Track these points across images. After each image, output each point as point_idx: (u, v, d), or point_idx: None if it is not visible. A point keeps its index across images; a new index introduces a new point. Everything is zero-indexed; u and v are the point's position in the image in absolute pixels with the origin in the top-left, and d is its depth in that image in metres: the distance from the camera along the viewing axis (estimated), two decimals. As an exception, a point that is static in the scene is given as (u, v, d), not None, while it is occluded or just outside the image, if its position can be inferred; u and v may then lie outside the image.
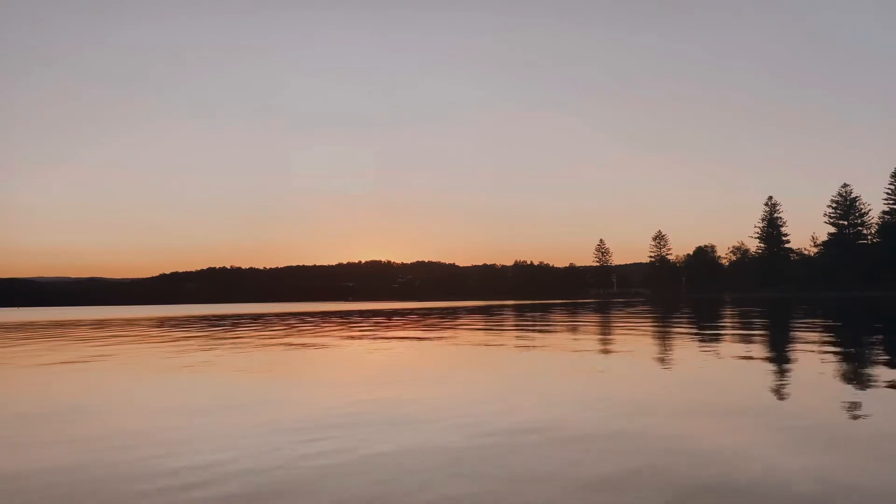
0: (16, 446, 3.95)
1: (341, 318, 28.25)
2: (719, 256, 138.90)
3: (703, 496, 2.72)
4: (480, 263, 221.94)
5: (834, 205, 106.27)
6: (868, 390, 5.42)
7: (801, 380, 6.17)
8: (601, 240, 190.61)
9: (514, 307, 44.13)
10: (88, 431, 4.31)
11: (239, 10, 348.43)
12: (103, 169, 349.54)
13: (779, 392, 5.46)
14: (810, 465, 3.18)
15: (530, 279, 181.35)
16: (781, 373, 6.68)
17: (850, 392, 5.36)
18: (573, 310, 34.38)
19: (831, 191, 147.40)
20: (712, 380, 6.30)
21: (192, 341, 13.67)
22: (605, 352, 9.52)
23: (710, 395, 5.38)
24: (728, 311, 26.91)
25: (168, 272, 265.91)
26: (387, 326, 19.26)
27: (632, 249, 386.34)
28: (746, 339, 11.30)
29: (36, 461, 3.54)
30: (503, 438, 3.82)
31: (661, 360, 8.12)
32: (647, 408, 4.76)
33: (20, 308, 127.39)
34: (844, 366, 7.17)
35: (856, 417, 4.31)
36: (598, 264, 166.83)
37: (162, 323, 25.89)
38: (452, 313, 31.42)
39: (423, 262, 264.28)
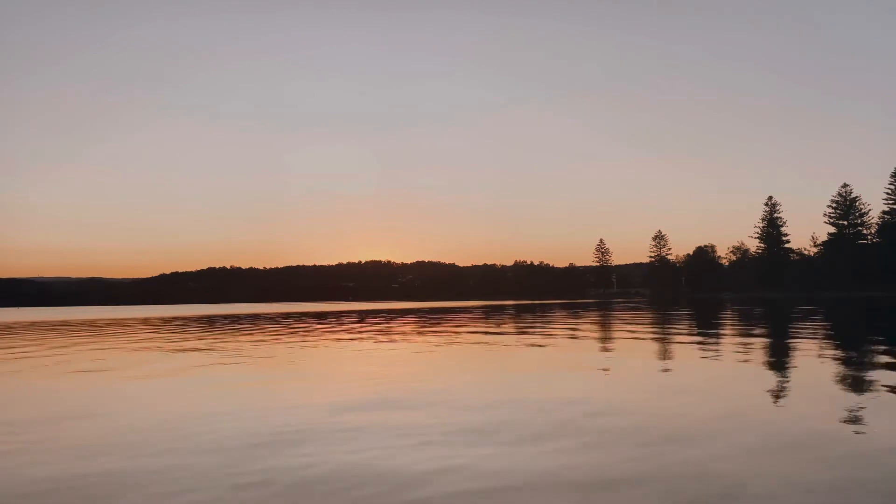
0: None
1: (375, 319, 28.30)
2: (719, 256, 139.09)
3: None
4: (480, 263, 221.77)
5: (834, 205, 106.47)
6: (870, 396, 5.54)
7: (802, 384, 6.29)
8: (601, 240, 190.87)
9: (515, 307, 44.26)
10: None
11: (239, 10, 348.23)
12: (103, 169, 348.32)
13: (777, 396, 5.59)
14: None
15: (530, 279, 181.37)
16: (782, 376, 6.81)
17: (851, 398, 5.48)
18: (574, 311, 34.47)
19: (831, 191, 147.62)
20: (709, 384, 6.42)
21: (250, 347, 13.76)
22: (609, 359, 9.63)
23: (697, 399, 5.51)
24: (730, 312, 27.03)
25: (168, 272, 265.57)
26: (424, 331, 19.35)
27: (632, 249, 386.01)
28: (749, 342, 11.41)
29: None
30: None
31: (665, 367, 8.25)
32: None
33: (20, 308, 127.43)
34: (846, 369, 7.29)
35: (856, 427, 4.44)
36: (598, 264, 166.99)
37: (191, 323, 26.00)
38: (456, 313, 31.56)
39: (423, 262, 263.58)
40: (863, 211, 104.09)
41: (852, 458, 3.52)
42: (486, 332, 16.10)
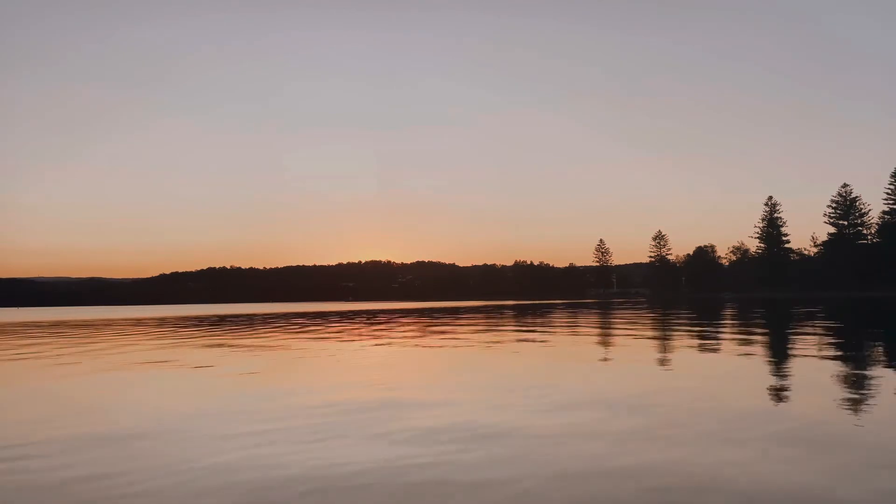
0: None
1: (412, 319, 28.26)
2: (719, 256, 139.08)
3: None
4: (480, 263, 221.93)
5: (834, 205, 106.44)
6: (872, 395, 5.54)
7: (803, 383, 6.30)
8: (601, 240, 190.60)
9: (516, 307, 44.25)
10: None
11: (239, 10, 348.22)
12: (103, 169, 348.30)
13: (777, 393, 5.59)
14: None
15: (530, 279, 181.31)
16: (780, 375, 6.82)
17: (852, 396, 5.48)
18: (576, 311, 34.46)
19: (831, 191, 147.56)
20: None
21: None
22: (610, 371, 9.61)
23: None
24: (733, 312, 27.04)
25: (168, 272, 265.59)
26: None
27: (632, 249, 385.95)
28: (753, 343, 11.41)
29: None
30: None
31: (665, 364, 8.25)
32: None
33: (20, 308, 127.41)
34: (847, 369, 7.29)
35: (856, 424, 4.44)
36: (598, 264, 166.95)
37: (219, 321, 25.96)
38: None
39: (423, 262, 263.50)
40: (863, 211, 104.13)
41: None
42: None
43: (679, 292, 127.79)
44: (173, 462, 3.65)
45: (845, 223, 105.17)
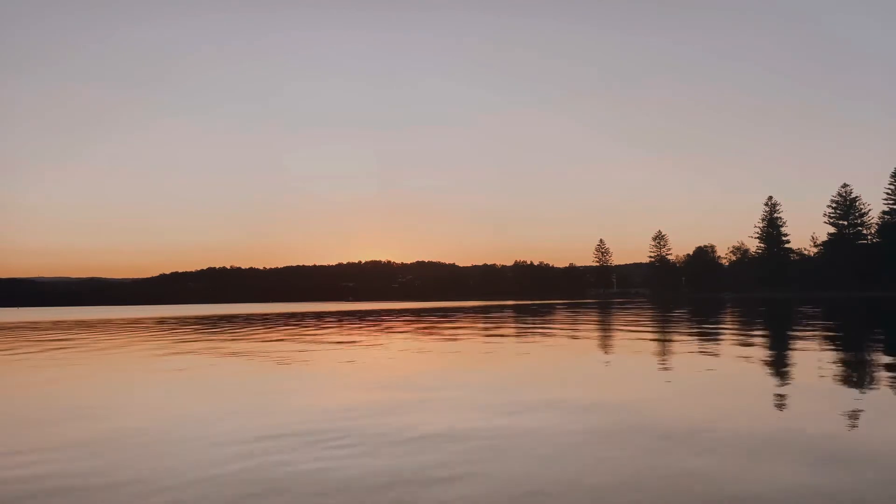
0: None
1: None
2: (719, 256, 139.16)
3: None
4: (480, 263, 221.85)
5: (834, 205, 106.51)
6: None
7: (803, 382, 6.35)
8: (601, 240, 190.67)
9: (517, 307, 44.29)
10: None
11: (239, 10, 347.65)
12: (103, 169, 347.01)
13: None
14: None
15: (530, 279, 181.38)
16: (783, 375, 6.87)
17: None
18: (579, 311, 34.50)
19: (831, 191, 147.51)
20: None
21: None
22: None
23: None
24: (737, 312, 27.08)
25: (168, 272, 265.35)
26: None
27: (632, 249, 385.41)
28: (754, 344, 11.46)
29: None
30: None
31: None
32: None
33: (20, 308, 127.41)
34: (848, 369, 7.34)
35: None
36: (598, 264, 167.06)
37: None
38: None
39: (423, 262, 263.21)
40: (863, 211, 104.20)
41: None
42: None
43: (679, 292, 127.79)
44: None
45: (845, 223, 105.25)
